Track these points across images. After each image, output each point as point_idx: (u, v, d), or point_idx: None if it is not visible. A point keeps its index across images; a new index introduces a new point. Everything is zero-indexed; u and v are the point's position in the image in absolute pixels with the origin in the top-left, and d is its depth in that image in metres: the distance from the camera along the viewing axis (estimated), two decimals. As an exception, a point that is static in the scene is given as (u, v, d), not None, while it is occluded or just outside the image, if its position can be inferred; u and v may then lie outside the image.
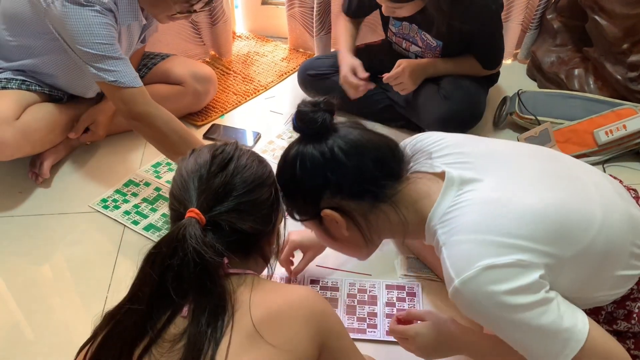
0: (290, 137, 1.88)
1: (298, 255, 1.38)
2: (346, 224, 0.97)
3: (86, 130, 1.76)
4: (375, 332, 1.29)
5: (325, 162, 0.94)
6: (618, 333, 0.96)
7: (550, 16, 2.13)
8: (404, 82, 1.72)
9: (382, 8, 1.67)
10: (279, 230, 0.93)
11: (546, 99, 1.94)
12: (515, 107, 1.91)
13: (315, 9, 2.17)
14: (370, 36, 2.15)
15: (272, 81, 2.19)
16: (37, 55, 1.62)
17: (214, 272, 0.75)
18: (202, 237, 0.75)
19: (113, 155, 1.83)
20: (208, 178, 0.80)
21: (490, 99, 1.96)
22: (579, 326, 0.85)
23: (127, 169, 1.78)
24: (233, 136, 1.91)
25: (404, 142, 1.10)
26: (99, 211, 1.63)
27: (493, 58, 1.81)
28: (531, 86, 2.15)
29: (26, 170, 1.73)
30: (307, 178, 0.95)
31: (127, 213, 1.62)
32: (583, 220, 0.89)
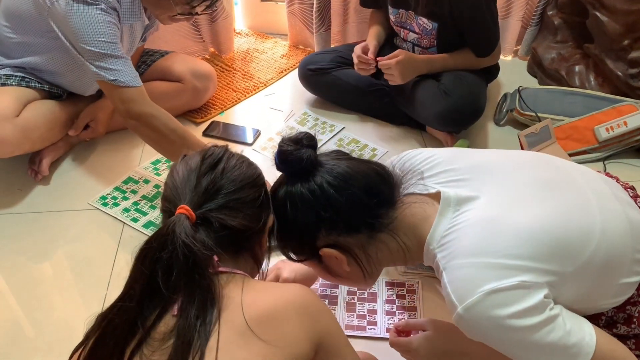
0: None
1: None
2: (347, 260, 0.95)
3: (86, 127, 1.76)
4: (375, 330, 1.29)
5: (316, 200, 0.91)
6: (618, 336, 0.95)
7: (550, 12, 2.12)
8: (394, 74, 1.72)
9: None
10: (270, 233, 0.92)
11: (547, 96, 1.93)
12: (515, 104, 1.91)
13: (315, 6, 2.17)
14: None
15: (272, 78, 2.18)
16: (38, 53, 1.61)
17: (203, 266, 0.76)
18: (192, 232, 0.76)
19: (112, 152, 1.83)
20: (198, 177, 0.82)
21: (490, 96, 1.95)
22: (587, 339, 0.84)
23: (127, 166, 1.77)
24: (233, 133, 1.91)
25: (392, 162, 1.07)
26: (99, 208, 1.63)
27: (485, 44, 1.79)
28: (532, 83, 2.14)
29: (25, 167, 1.73)
30: (300, 218, 0.92)
31: (127, 210, 1.62)
32: (582, 233, 0.88)
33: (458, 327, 1.01)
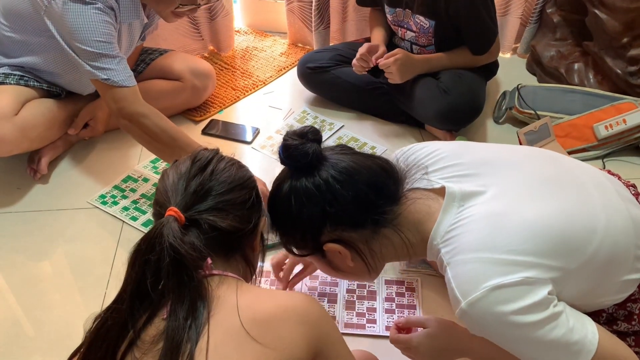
0: (289, 133, 1.88)
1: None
2: (350, 255, 0.95)
3: (85, 125, 1.76)
4: (374, 327, 1.29)
5: (321, 195, 0.90)
6: (618, 333, 0.95)
7: (550, 10, 2.12)
8: (393, 73, 1.72)
9: None
10: (262, 235, 0.91)
11: (546, 94, 1.93)
12: (514, 102, 1.90)
13: (314, 4, 2.16)
14: (368, 31, 2.14)
15: (271, 76, 2.18)
16: (37, 52, 1.61)
17: (192, 268, 0.75)
18: (180, 234, 0.75)
19: (111, 151, 1.83)
20: (187, 180, 0.82)
21: (489, 94, 1.95)
22: (589, 337, 0.84)
23: (126, 165, 1.77)
24: (232, 131, 1.90)
25: (396, 155, 1.07)
26: (98, 207, 1.63)
27: (482, 42, 1.79)
28: (531, 80, 2.14)
29: (24, 166, 1.73)
30: (305, 213, 0.92)
31: (126, 209, 1.62)
32: (586, 230, 0.88)
33: (458, 325, 1.01)
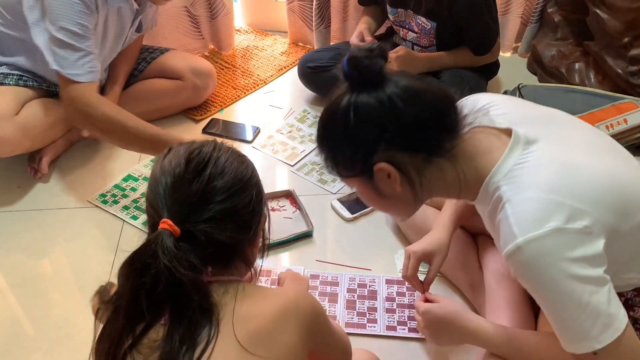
0: (289, 132, 1.88)
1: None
2: (400, 179, 0.91)
3: None
4: (375, 327, 1.29)
5: (383, 111, 0.86)
6: (633, 319, 0.96)
7: (551, 10, 2.12)
8: (394, 69, 1.72)
9: None
10: (264, 231, 0.88)
11: (547, 93, 1.93)
12: (515, 101, 1.90)
13: (314, 3, 2.16)
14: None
15: (272, 75, 2.18)
16: (30, 49, 1.60)
17: (190, 288, 0.70)
18: (175, 252, 0.70)
19: (112, 150, 1.82)
20: (182, 184, 0.74)
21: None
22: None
23: (126, 164, 1.77)
24: (232, 131, 1.90)
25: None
26: (98, 206, 1.63)
27: (483, 43, 1.80)
28: (532, 80, 2.14)
29: (25, 165, 1.73)
30: (363, 129, 0.88)
31: (126, 208, 1.62)
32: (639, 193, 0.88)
33: (469, 310, 1.01)
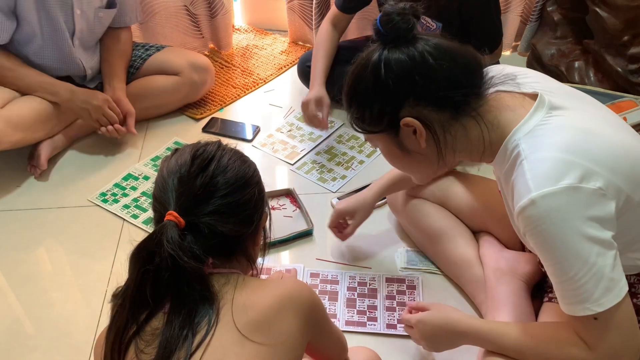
0: (289, 131, 1.88)
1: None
2: (426, 136, 0.93)
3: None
4: (375, 325, 1.29)
5: (414, 66, 0.89)
6: (636, 307, 0.96)
7: (550, 8, 2.12)
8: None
9: None
10: (265, 229, 0.91)
11: (546, 92, 1.93)
12: (515, 100, 1.90)
13: (314, 2, 2.16)
14: (368, 29, 2.14)
15: (272, 74, 2.18)
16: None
17: (191, 277, 0.74)
18: (179, 242, 0.74)
19: (112, 148, 1.82)
20: (188, 179, 0.79)
21: (490, 92, 1.95)
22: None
23: (126, 163, 1.77)
24: (232, 129, 1.90)
25: None
26: (98, 205, 1.63)
27: (489, 43, 1.79)
28: (531, 79, 2.14)
29: (24, 164, 1.73)
30: (393, 82, 0.91)
31: (127, 207, 1.62)
32: None
33: (459, 310, 1.03)
